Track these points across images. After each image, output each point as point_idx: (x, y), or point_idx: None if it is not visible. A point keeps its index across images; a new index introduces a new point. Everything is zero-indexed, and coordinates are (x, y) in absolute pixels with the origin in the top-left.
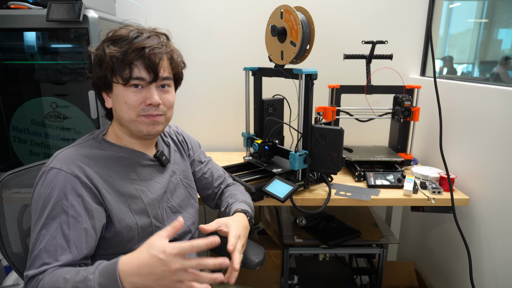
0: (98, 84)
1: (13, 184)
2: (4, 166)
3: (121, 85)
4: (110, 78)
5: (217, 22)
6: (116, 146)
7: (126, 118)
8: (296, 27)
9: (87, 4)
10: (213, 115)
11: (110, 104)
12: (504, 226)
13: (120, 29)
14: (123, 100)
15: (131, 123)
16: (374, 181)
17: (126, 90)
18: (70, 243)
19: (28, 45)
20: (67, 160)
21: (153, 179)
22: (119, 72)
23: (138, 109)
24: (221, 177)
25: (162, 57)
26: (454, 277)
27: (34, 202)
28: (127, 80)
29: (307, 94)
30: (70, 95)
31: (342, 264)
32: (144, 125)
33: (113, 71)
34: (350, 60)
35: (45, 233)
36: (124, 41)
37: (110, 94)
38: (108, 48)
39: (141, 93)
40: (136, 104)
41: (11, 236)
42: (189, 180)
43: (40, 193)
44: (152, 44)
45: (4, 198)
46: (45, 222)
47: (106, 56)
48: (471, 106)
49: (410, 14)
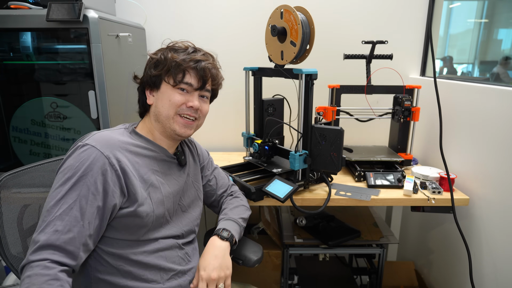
0: (147, 82)
1: (12, 184)
2: (4, 166)
3: (170, 85)
4: (162, 78)
5: (217, 23)
6: (144, 139)
7: (165, 114)
8: (296, 27)
9: (87, 4)
10: (213, 115)
11: (152, 101)
12: (504, 226)
13: (183, 42)
14: (168, 98)
15: (167, 120)
16: (374, 181)
17: (173, 90)
18: (84, 217)
19: (28, 45)
20: (102, 140)
21: (171, 175)
22: (173, 74)
23: (178, 108)
24: (225, 185)
25: (210, 72)
26: (454, 277)
27: (61, 171)
28: (178, 82)
29: (307, 94)
30: (70, 95)
31: (342, 264)
32: (178, 125)
33: (168, 72)
34: (350, 60)
35: (64, 202)
36: (183, 51)
37: (154, 93)
38: (170, 53)
39: (185, 96)
40: (178, 103)
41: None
42: (198, 183)
43: (69, 165)
44: (206, 60)
45: (2, 199)
46: (67, 192)
47: (166, 59)
48: (471, 106)
49: (410, 14)
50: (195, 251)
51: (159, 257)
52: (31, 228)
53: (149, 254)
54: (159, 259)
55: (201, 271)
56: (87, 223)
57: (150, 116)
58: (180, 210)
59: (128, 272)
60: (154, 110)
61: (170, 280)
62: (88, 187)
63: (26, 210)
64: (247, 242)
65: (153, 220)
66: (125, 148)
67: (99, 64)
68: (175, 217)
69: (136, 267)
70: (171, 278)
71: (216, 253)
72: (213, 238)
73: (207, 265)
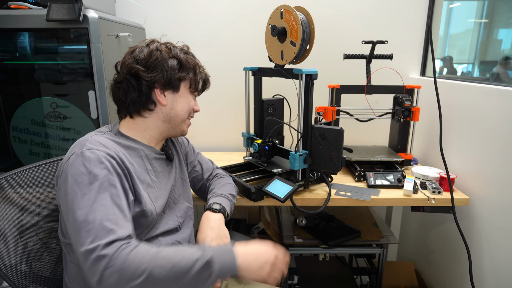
0: (167, 82)
1: (12, 185)
2: (4, 166)
3: (190, 91)
4: (181, 82)
5: (217, 22)
6: (131, 139)
7: (182, 117)
8: (296, 27)
9: (87, 4)
10: (213, 115)
11: (165, 102)
12: (504, 226)
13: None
14: (187, 102)
15: (182, 122)
16: (374, 181)
17: (191, 95)
18: (124, 213)
19: (28, 45)
20: (99, 144)
21: (162, 172)
22: (195, 82)
23: (190, 112)
24: (210, 169)
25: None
26: (454, 277)
27: (73, 181)
28: (197, 89)
29: (307, 94)
30: (70, 95)
31: (342, 264)
32: (186, 126)
33: (192, 79)
34: (350, 60)
35: (99, 205)
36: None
37: (168, 93)
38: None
39: (194, 101)
40: (192, 107)
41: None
42: (184, 172)
43: (80, 172)
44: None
45: (2, 199)
46: (97, 196)
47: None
48: (471, 106)
49: (410, 14)
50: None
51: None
52: (31, 228)
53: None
54: None
55: (200, 244)
56: (128, 217)
57: (153, 116)
58: (172, 203)
59: None
60: (168, 112)
61: None
62: (114, 185)
63: (26, 210)
64: (235, 235)
65: (155, 218)
66: (119, 150)
67: (99, 64)
68: (168, 210)
69: None
70: None
71: (212, 224)
72: (206, 212)
73: (205, 237)
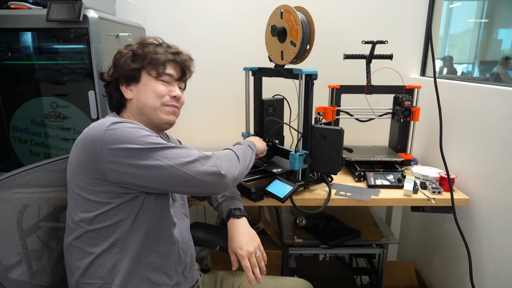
0: (125, 76)
1: (12, 185)
2: (4, 166)
3: (153, 77)
4: (141, 71)
5: (217, 22)
6: None
7: (152, 105)
8: (296, 27)
9: (87, 4)
10: (213, 115)
11: (131, 95)
12: (504, 226)
13: (155, 38)
14: (152, 90)
15: (153, 110)
16: (374, 181)
17: (156, 81)
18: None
19: (28, 45)
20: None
21: None
22: (155, 66)
23: (164, 99)
24: None
25: (189, 64)
26: (454, 277)
27: (128, 147)
28: (160, 74)
29: (307, 94)
30: (70, 95)
31: (342, 264)
32: (166, 114)
33: (149, 64)
34: (350, 60)
35: (169, 145)
36: (158, 45)
37: (132, 87)
38: (147, 47)
39: (168, 86)
40: (163, 93)
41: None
42: None
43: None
44: (182, 53)
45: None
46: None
47: (145, 53)
48: (471, 106)
49: (410, 14)
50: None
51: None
52: (31, 228)
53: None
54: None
55: (239, 251)
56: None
57: (129, 111)
58: (172, 200)
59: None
60: (136, 104)
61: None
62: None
63: (26, 210)
64: None
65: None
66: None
67: (99, 64)
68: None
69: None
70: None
71: (242, 230)
72: (231, 221)
73: (241, 243)
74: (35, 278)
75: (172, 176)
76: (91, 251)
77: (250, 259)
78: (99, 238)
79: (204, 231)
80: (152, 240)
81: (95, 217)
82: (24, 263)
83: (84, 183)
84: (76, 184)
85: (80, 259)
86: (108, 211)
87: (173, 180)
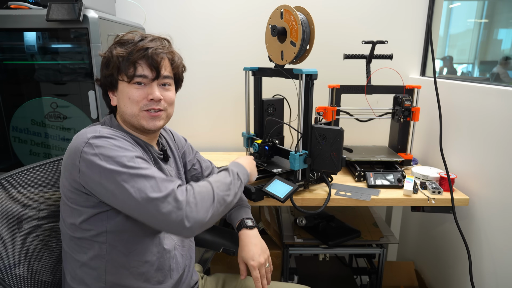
0: (105, 84)
1: (12, 185)
2: (4, 166)
3: (126, 82)
4: (116, 77)
5: (217, 22)
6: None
7: (129, 112)
8: (296, 27)
9: (87, 4)
10: (213, 115)
11: (115, 102)
12: (504, 226)
13: (127, 34)
14: (127, 96)
15: (133, 118)
16: (374, 181)
17: (130, 87)
18: (167, 175)
19: (28, 45)
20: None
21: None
22: (124, 70)
23: (141, 104)
24: (209, 167)
25: (163, 56)
26: (454, 277)
27: (100, 164)
28: (131, 77)
29: (307, 94)
30: (70, 95)
31: (342, 264)
32: (145, 120)
33: (119, 70)
34: (350, 60)
35: (143, 172)
36: (130, 43)
37: (115, 93)
38: (115, 50)
39: (144, 89)
40: (139, 99)
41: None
42: (179, 171)
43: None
44: (154, 45)
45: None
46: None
47: (113, 56)
48: (471, 106)
49: (410, 14)
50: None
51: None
52: (31, 228)
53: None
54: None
55: (250, 262)
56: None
57: (119, 116)
58: None
59: (141, 274)
60: (119, 110)
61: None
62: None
63: (26, 210)
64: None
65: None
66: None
67: (99, 64)
68: None
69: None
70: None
71: (254, 241)
72: (243, 231)
73: (253, 255)
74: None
75: (135, 207)
76: (77, 258)
77: (260, 270)
78: (83, 246)
79: (208, 232)
80: (138, 250)
81: (79, 225)
82: (24, 263)
83: (67, 190)
84: (62, 188)
85: (71, 263)
86: (89, 219)
87: (135, 211)
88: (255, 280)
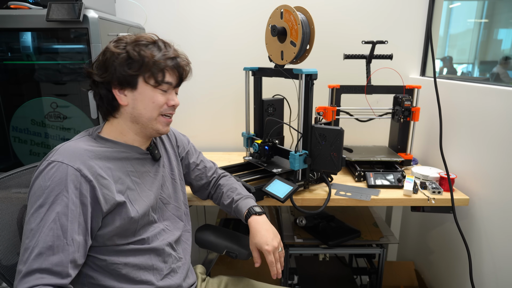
0: (120, 81)
1: (12, 185)
2: (4, 166)
3: (151, 86)
4: (137, 78)
5: (217, 23)
6: (111, 142)
7: (148, 116)
8: (296, 27)
9: (87, 4)
10: (213, 115)
11: (126, 101)
12: (504, 226)
13: (145, 35)
14: (150, 100)
15: (150, 121)
16: (374, 181)
17: (155, 91)
18: (66, 235)
19: (28, 45)
20: (68, 153)
21: (147, 172)
22: (153, 75)
23: (162, 109)
24: (212, 168)
25: (186, 68)
26: (454, 277)
27: (32, 194)
28: (159, 83)
29: (307, 94)
30: (70, 95)
31: (342, 264)
32: (161, 125)
33: (147, 72)
34: (350, 60)
35: (43, 225)
36: (154, 47)
37: (127, 92)
38: (143, 51)
39: (166, 95)
40: (161, 104)
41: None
42: (174, 172)
43: (40, 186)
44: (179, 56)
45: (2, 199)
46: (45, 214)
47: (142, 57)
48: (471, 106)
49: (410, 14)
50: (186, 245)
51: (151, 257)
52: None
53: (142, 255)
54: (151, 259)
55: (265, 246)
56: (70, 240)
57: (122, 117)
58: (161, 203)
59: (123, 275)
60: (131, 111)
61: (164, 279)
62: (65, 203)
63: (26, 210)
64: (239, 236)
65: (138, 221)
66: (94, 156)
67: None
68: (159, 213)
69: (130, 269)
70: (165, 277)
71: (265, 227)
72: (253, 218)
73: (266, 239)
74: None
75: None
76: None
77: (274, 254)
78: None
79: (213, 234)
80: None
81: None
82: None
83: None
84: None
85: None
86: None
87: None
88: (270, 264)
